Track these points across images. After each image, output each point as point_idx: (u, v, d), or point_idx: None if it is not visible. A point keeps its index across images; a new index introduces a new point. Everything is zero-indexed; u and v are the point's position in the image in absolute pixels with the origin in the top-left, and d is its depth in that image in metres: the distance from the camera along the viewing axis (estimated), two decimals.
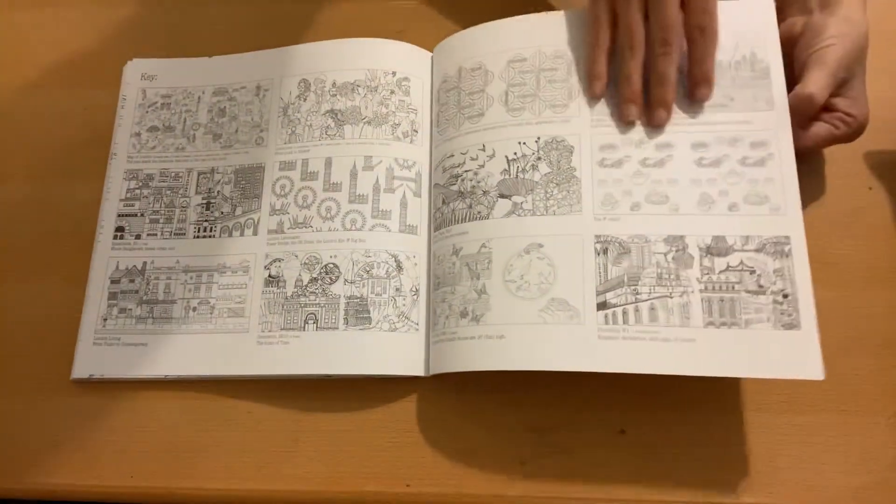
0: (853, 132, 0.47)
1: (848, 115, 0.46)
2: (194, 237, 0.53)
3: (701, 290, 0.43)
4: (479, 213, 0.47)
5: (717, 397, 0.46)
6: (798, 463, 0.44)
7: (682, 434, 0.45)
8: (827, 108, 0.47)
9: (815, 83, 0.45)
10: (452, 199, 0.49)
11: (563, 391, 0.47)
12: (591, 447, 0.45)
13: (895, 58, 0.53)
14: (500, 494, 0.45)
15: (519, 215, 0.46)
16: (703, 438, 0.45)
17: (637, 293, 0.43)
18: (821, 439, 0.44)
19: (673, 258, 0.43)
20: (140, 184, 0.55)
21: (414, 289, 0.49)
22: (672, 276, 0.43)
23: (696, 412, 0.45)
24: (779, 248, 0.43)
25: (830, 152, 0.51)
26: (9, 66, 0.62)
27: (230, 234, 0.52)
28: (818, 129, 0.47)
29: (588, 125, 0.47)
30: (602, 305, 0.43)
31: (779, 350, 0.41)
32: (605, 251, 0.44)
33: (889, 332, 0.47)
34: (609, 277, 0.44)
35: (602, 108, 0.48)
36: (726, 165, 0.45)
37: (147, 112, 0.57)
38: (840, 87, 0.47)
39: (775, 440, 0.44)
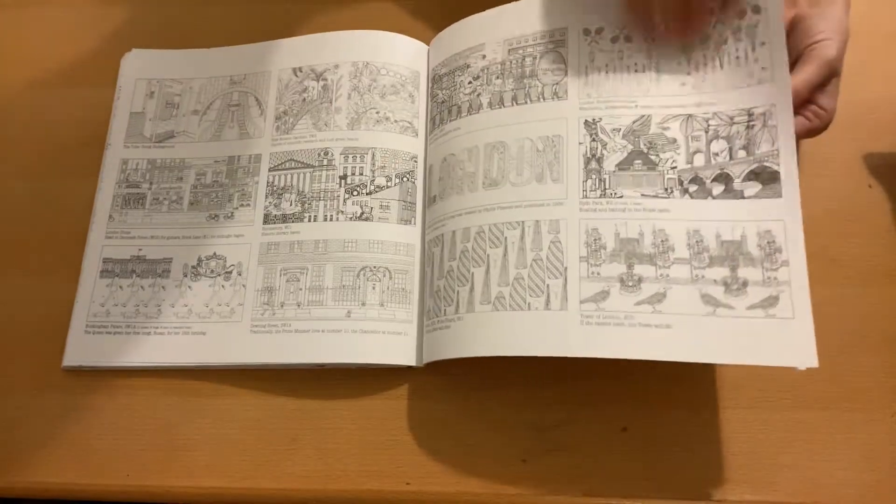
0: (823, 125, 0.46)
1: (821, 108, 0.46)
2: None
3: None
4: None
5: (720, 395, 0.46)
6: (801, 460, 0.44)
7: (684, 431, 0.45)
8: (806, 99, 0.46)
9: (804, 80, 0.45)
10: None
11: (564, 389, 0.46)
12: (592, 445, 0.45)
13: (894, 58, 0.53)
14: (502, 493, 0.44)
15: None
16: (706, 436, 0.45)
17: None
18: (824, 436, 0.44)
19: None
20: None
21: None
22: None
23: (698, 409, 0.45)
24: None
25: (830, 152, 0.51)
26: (7, 64, 0.61)
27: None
28: (794, 121, 0.46)
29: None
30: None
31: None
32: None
33: (890, 330, 0.47)
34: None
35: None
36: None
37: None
38: (825, 81, 0.46)
39: (778, 437, 0.44)
